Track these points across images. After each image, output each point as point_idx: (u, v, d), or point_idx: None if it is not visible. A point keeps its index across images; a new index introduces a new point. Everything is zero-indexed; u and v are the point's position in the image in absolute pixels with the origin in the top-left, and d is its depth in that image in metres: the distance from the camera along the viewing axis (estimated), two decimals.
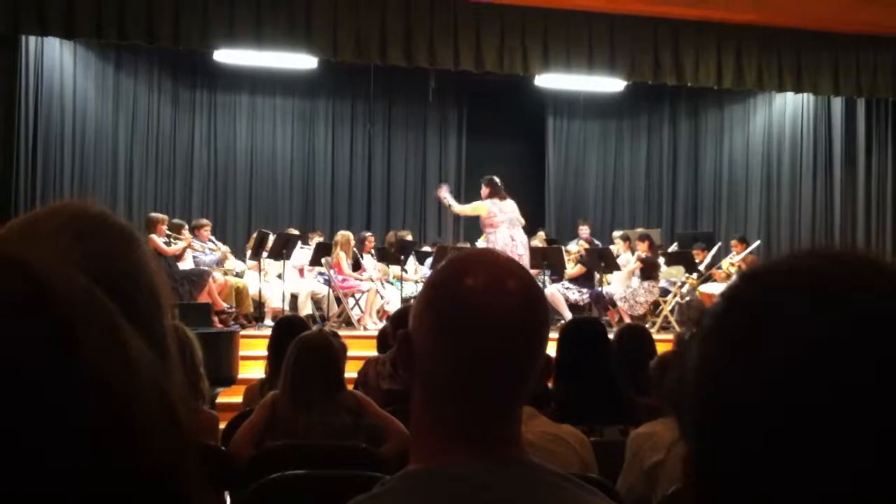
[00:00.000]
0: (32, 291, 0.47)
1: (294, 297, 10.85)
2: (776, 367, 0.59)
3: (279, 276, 10.81)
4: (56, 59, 11.81)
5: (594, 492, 1.14)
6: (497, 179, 10.38)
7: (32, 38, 10.61)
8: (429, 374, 1.13)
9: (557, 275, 11.42)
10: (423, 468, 1.11)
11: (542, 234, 12.65)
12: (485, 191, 10.31)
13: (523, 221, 10.46)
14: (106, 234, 1.18)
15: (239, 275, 11.01)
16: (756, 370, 0.59)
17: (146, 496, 0.48)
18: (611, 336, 4.24)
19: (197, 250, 10.69)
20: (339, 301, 10.91)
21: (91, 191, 12.03)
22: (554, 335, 3.77)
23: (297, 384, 3.51)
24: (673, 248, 12.65)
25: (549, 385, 3.49)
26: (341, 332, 6.58)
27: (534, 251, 10.66)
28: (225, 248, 11.29)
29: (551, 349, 1.85)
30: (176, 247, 10.34)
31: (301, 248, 11.24)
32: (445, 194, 10.63)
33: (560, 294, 11.13)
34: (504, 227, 10.12)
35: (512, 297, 1.11)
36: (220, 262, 10.87)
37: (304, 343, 3.60)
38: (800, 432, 0.57)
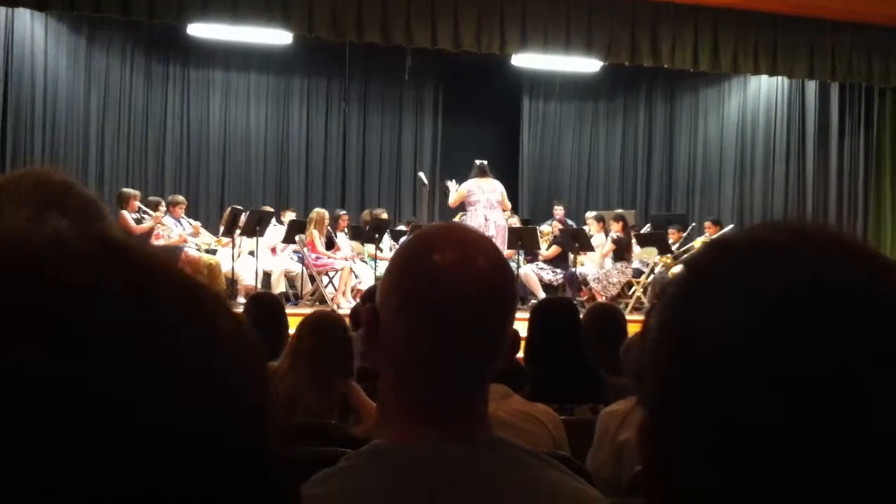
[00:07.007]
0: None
1: (267, 275, 10.80)
2: (736, 335, 0.58)
3: (251, 254, 10.75)
4: (27, 31, 11.63)
5: (562, 469, 1.13)
6: (481, 162, 10.48)
7: (2, 10, 10.44)
8: (395, 351, 1.11)
9: (532, 255, 11.43)
10: (390, 444, 1.10)
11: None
12: (472, 174, 10.45)
13: (508, 205, 10.56)
14: (69, 201, 1.16)
15: (211, 251, 10.94)
16: (716, 339, 0.58)
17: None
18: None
19: (165, 226, 10.56)
20: (312, 279, 10.86)
21: (62, 164, 11.87)
22: (526, 315, 3.79)
23: (318, 362, 3.49)
24: (646, 229, 12.69)
25: (523, 365, 3.50)
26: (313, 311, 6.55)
27: (509, 231, 10.66)
28: (196, 224, 11.20)
29: (523, 329, 1.84)
30: (144, 225, 10.25)
31: (275, 225, 11.18)
32: (451, 187, 10.68)
33: (534, 274, 11.15)
34: (480, 207, 10.19)
35: (479, 273, 1.09)
36: (193, 235, 10.80)
37: (326, 322, 3.60)
38: (759, 404, 0.56)
